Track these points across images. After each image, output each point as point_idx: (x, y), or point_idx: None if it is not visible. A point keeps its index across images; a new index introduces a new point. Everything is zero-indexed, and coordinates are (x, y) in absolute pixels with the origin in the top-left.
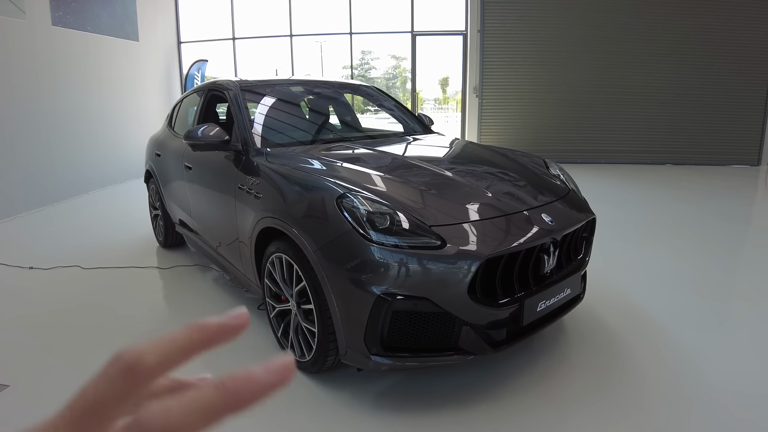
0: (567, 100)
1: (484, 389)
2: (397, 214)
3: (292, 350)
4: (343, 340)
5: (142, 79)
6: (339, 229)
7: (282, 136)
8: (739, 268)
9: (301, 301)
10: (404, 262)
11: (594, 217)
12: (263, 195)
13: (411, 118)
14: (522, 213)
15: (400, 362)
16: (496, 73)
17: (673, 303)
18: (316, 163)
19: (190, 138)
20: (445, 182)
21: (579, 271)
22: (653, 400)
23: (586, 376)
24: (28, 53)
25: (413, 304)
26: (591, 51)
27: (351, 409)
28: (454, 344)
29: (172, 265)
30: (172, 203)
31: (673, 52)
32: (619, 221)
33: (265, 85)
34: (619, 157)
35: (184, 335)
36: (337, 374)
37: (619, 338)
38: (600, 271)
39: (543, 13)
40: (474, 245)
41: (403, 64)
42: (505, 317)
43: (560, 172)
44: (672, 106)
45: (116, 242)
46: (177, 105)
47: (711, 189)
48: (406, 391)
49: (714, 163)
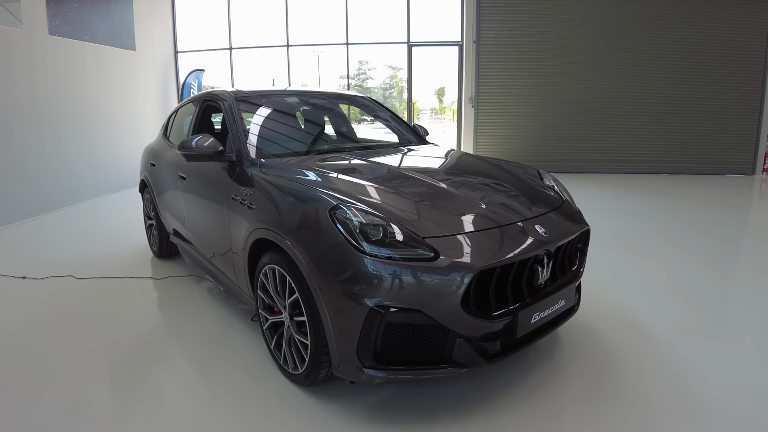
0: (562, 110)
1: (478, 401)
2: (391, 226)
3: (285, 363)
4: (336, 352)
5: (138, 88)
6: (332, 241)
7: (277, 146)
8: (734, 278)
9: (294, 313)
10: (397, 274)
11: (588, 228)
12: (257, 206)
13: (406, 129)
14: (516, 224)
15: (394, 375)
16: (492, 84)
17: (668, 313)
18: (311, 174)
19: (184, 148)
20: (439, 193)
21: (573, 283)
22: (648, 411)
23: (581, 388)
24: (25, 62)
25: (406, 317)
26: (586, 62)
27: (344, 422)
28: (447, 357)
29: (166, 276)
30: (166, 213)
31: (668, 63)
32: (615, 231)
33: (260, 96)
34: (614, 166)
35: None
36: (330, 387)
37: (613, 349)
38: (595, 281)
39: (538, 24)
40: (467, 257)
41: (399, 74)
42: (499, 329)
43: (554, 183)
44: (666, 116)
45: (110, 252)
46: (172, 115)
47: (706, 198)
48: (399, 403)
49: (709, 172)
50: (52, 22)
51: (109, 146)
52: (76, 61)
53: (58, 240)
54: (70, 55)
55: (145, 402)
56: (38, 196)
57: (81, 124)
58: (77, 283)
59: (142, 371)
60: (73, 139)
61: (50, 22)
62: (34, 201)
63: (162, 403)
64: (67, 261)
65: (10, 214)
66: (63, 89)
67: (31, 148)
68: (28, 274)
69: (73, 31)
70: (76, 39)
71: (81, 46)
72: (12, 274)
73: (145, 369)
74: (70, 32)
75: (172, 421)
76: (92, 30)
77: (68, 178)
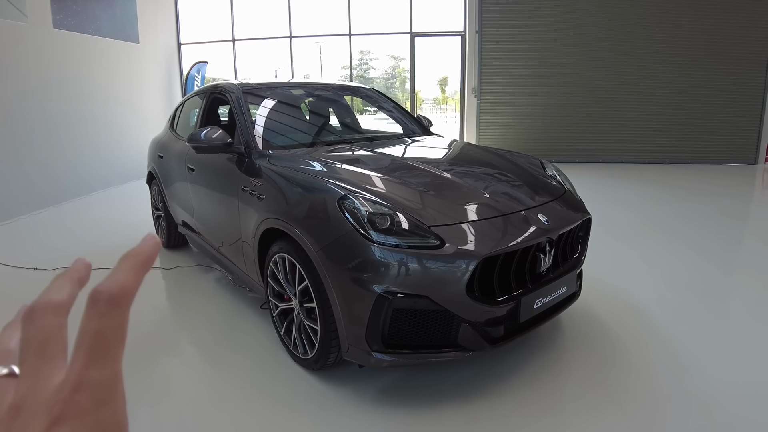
0: (564, 100)
1: (483, 385)
2: (397, 215)
3: (295, 348)
4: (345, 337)
5: (142, 80)
6: (340, 230)
7: (283, 138)
8: (736, 266)
9: (304, 300)
10: (404, 262)
11: (589, 217)
12: (266, 196)
13: (410, 120)
14: (519, 213)
15: (401, 359)
16: (494, 74)
17: (669, 300)
18: (318, 164)
19: (193, 141)
20: (443, 183)
21: (575, 270)
22: (649, 395)
23: (583, 372)
24: (29, 56)
25: (413, 302)
26: (588, 51)
27: (353, 405)
28: (453, 341)
29: (175, 266)
30: (174, 204)
31: (670, 52)
32: (617, 220)
33: (266, 88)
34: (616, 156)
35: (128, 263)
36: (339, 371)
37: (615, 335)
38: (597, 269)
39: (540, 15)
40: (472, 245)
41: (402, 64)
42: (503, 315)
43: (556, 173)
44: (669, 105)
45: (118, 243)
46: (179, 107)
47: (708, 188)
48: (406, 387)
49: (711, 161)
50: (57, 16)
51: (114, 138)
52: (80, 54)
53: (67, 232)
54: (75, 48)
55: (153, 390)
56: (45, 188)
57: (87, 117)
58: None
59: (151, 360)
60: (78, 132)
61: (54, 15)
62: (42, 194)
63: (171, 391)
64: (77, 252)
65: (19, 207)
66: (68, 83)
67: (37, 141)
68: (39, 265)
69: (77, 25)
70: (81, 32)
71: (85, 40)
72: (23, 265)
73: (154, 357)
74: (74, 26)
75: (181, 408)
76: (96, 23)
77: (75, 170)
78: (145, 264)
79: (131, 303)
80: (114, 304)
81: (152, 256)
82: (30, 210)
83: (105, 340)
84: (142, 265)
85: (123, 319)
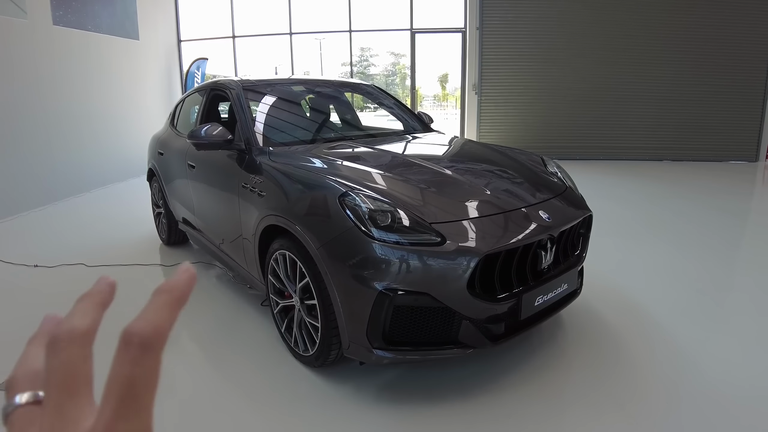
0: (565, 97)
1: (484, 382)
2: (398, 212)
3: (296, 345)
4: (346, 334)
5: (142, 77)
6: (341, 227)
7: (284, 135)
8: (737, 264)
9: (305, 297)
10: (405, 259)
11: (590, 214)
12: (267, 193)
13: (411, 117)
14: (520, 210)
15: (402, 356)
16: (495, 71)
17: (670, 298)
18: (318, 161)
19: (193, 137)
20: (444, 180)
21: (576, 267)
22: (649, 392)
23: (583, 369)
24: (29, 53)
25: (414, 300)
26: (589, 48)
27: (354, 402)
28: (454, 338)
29: (176, 263)
30: (175, 201)
31: (671, 49)
32: (618, 217)
33: (266, 85)
34: (617, 153)
35: (162, 299)
36: (340, 368)
37: (615, 332)
38: (597, 266)
39: (541, 11)
40: (473, 242)
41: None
42: (504, 312)
43: (557, 170)
44: (670, 102)
45: (119, 240)
46: (179, 104)
47: (709, 185)
48: (407, 383)
49: (712, 159)
50: (56, 12)
51: (114, 135)
52: (80, 51)
53: (67, 229)
54: (75, 45)
55: None
56: (45, 186)
57: (86, 114)
58: (88, 270)
59: None
60: (78, 129)
61: (54, 12)
62: (42, 191)
63: (172, 388)
64: (78, 249)
65: (19, 204)
66: (68, 79)
67: (37, 138)
68: (39, 262)
69: (77, 21)
70: (80, 29)
71: (85, 36)
72: (24, 262)
73: None
74: (74, 22)
75: (182, 404)
76: (96, 20)
77: (75, 167)
78: (180, 300)
79: (164, 345)
80: (147, 349)
81: (188, 291)
82: (30, 207)
83: (136, 388)
84: (177, 301)
85: (155, 364)
